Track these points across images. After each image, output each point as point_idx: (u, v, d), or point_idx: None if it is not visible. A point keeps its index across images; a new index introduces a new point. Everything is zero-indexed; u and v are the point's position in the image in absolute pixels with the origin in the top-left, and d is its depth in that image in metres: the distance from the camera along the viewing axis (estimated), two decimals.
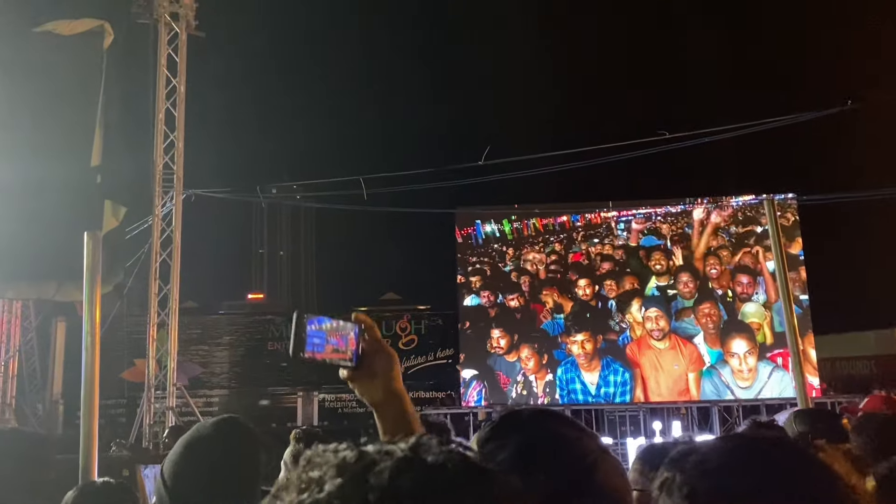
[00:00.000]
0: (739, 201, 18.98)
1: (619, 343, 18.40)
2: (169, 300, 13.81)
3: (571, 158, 16.26)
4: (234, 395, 20.89)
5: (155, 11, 14.16)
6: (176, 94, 14.17)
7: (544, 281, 18.67)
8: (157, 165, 13.97)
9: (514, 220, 18.96)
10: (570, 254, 18.99)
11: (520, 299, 18.67)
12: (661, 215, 19.16)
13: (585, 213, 18.99)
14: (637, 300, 18.48)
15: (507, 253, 18.92)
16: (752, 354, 17.85)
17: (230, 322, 21.99)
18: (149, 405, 13.33)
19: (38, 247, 13.28)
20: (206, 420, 2.32)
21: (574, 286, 18.62)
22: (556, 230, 19.14)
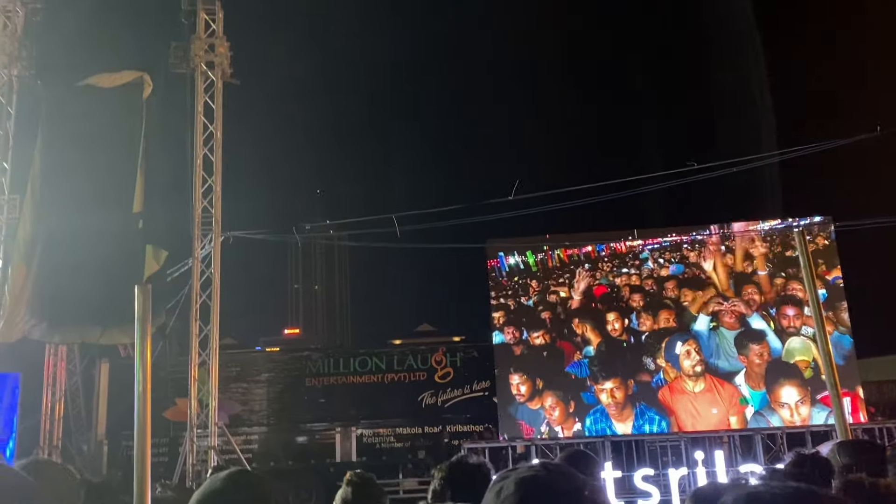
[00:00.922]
0: (768, 226, 18.69)
1: (654, 384, 17.68)
2: (210, 340, 14.08)
3: (601, 191, 16.32)
4: (273, 433, 21.06)
5: (191, 61, 14.69)
6: (213, 139, 14.60)
7: (575, 312, 18.39)
8: (196, 209, 14.36)
9: (544, 251, 18.81)
10: (596, 286, 18.65)
11: (545, 336, 18.27)
12: (688, 243, 18.78)
13: (612, 242, 18.71)
14: (671, 335, 17.74)
15: (530, 286, 18.72)
16: (804, 403, 16.99)
17: (268, 359, 22.25)
18: (191, 445, 13.55)
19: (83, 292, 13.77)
20: (217, 474, 2.33)
21: (603, 320, 18.11)
22: (582, 261, 18.90)
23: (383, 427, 20.62)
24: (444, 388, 20.68)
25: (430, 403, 20.61)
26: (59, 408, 19.03)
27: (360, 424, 20.37)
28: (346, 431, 19.81)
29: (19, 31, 14.62)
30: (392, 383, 20.98)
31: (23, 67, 14.56)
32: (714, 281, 18.35)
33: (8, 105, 14.49)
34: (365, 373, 21.15)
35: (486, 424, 19.50)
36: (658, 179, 15.90)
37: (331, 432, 20.72)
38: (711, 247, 18.53)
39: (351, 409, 20.79)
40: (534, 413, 17.77)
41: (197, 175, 14.49)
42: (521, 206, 16.72)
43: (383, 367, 21.14)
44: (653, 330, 18.06)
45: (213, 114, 14.70)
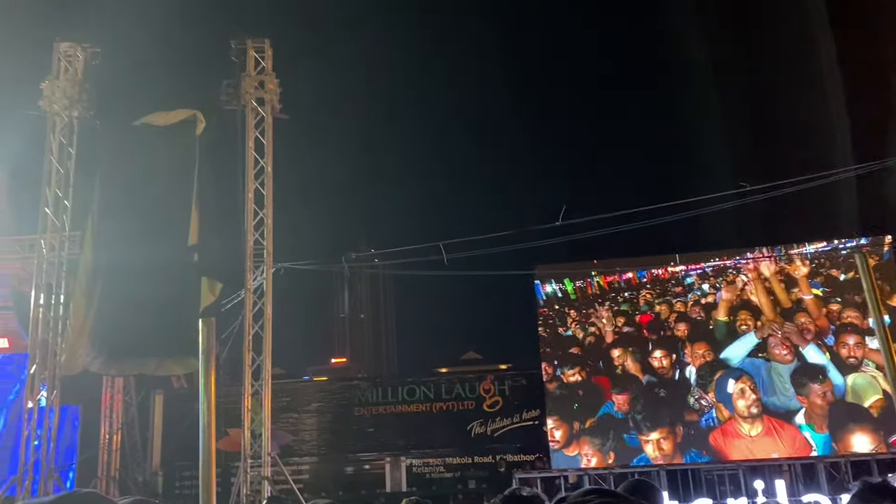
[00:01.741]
0: (819, 248, 18.02)
1: (702, 425, 16.87)
2: (262, 370, 14.25)
3: (648, 215, 16.11)
4: (323, 463, 21.12)
5: (242, 98, 15.08)
6: (264, 173, 14.92)
7: (614, 342, 17.86)
8: (248, 241, 14.64)
9: (583, 278, 18.33)
10: (638, 314, 18.00)
11: (581, 373, 17.81)
12: (732, 268, 18.02)
13: (660, 267, 18.20)
14: (722, 371, 16.93)
15: (568, 315, 18.32)
16: (879, 452, 15.98)
17: (317, 388, 22.40)
18: (245, 475, 13.67)
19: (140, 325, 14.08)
20: None
21: (649, 355, 17.45)
22: (622, 287, 18.36)
23: (433, 457, 20.51)
24: (493, 416, 20.52)
25: (479, 433, 20.46)
26: (116, 439, 19.45)
27: (410, 454, 20.31)
28: (396, 461, 19.76)
29: (79, 74, 15.22)
30: (440, 412, 20.90)
31: (83, 109, 15.12)
32: (762, 308, 17.57)
33: (69, 145, 15.04)
34: (413, 402, 21.13)
35: (537, 454, 19.26)
36: (706, 202, 15.63)
37: (380, 462, 20.69)
38: (757, 271, 17.78)
39: (400, 438, 20.75)
40: (571, 460, 17.34)
41: (249, 208, 14.79)
42: (568, 231, 16.60)
43: (431, 395, 21.10)
44: (704, 362, 17.25)
45: (264, 148, 15.03)
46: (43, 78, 15.10)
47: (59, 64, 15.20)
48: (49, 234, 14.80)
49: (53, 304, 14.65)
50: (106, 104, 15.15)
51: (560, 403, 17.75)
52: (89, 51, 15.38)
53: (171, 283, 13.56)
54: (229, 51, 15.37)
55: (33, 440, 14.35)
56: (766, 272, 17.93)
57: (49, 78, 15.06)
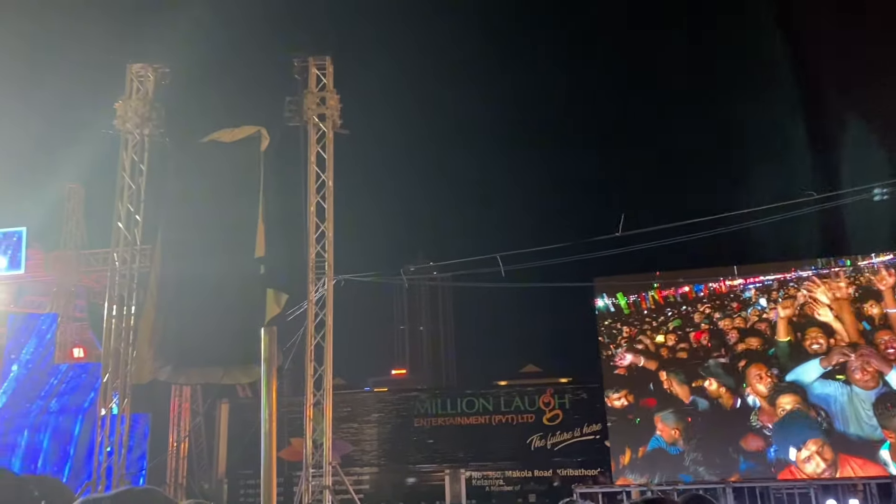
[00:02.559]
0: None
1: (770, 457, 15.76)
2: (323, 381, 14.48)
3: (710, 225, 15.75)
4: (384, 473, 21.25)
5: (304, 115, 15.44)
6: (325, 187, 15.21)
7: (664, 363, 17.27)
8: (310, 254, 14.93)
9: (651, 291, 17.81)
10: (694, 331, 17.20)
11: (627, 396, 17.20)
12: (793, 280, 16.92)
13: (725, 278, 17.32)
14: (793, 396, 15.78)
15: (621, 331, 17.85)
16: None
17: (377, 399, 22.58)
18: (307, 484, 13.87)
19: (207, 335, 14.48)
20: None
21: (703, 378, 16.61)
22: (678, 302, 17.64)
23: (492, 469, 20.42)
24: (553, 430, 20.32)
25: (539, 446, 20.28)
26: (184, 447, 20.00)
27: (469, 466, 20.26)
28: (455, 473, 19.74)
29: (150, 94, 15.84)
30: (499, 425, 20.81)
31: (153, 127, 15.72)
32: (835, 326, 16.37)
33: (140, 162, 15.65)
34: (472, 414, 21.10)
35: (599, 469, 18.97)
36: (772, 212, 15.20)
37: (440, 474, 20.69)
38: (831, 284, 16.62)
39: (459, 450, 20.74)
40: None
41: (310, 221, 15.09)
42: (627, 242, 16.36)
43: (490, 408, 21.03)
44: (770, 385, 16.14)
45: (325, 163, 15.33)
46: (117, 98, 15.77)
47: (132, 84, 15.85)
48: (121, 248, 15.40)
49: (125, 315, 15.22)
50: (175, 122, 15.72)
51: (614, 425, 17.34)
52: (159, 71, 16.00)
53: (237, 294, 13.94)
54: (292, 68, 15.77)
55: (106, 446, 14.89)
56: (838, 285, 16.92)
57: (122, 98, 15.72)
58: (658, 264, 18.34)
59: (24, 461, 18.85)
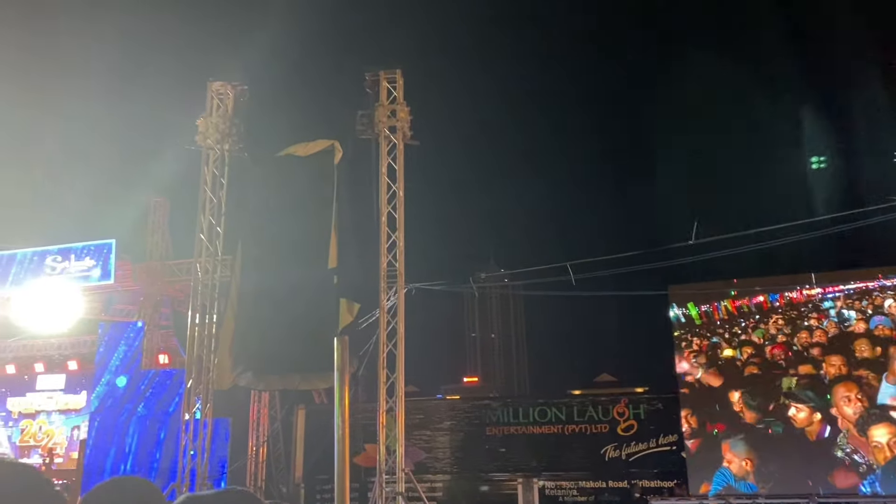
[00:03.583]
0: None
1: (865, 489, 14.47)
2: (396, 388, 14.69)
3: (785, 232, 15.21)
4: (456, 481, 21.33)
5: (375, 127, 15.78)
6: (396, 198, 15.48)
7: (735, 380, 16.36)
8: (382, 263, 15.20)
9: (724, 300, 17.18)
10: (769, 346, 16.33)
11: (690, 419, 16.43)
12: (877, 289, 15.72)
13: (790, 290, 16.41)
14: (888, 427, 14.33)
15: (692, 342, 17.29)
16: None
17: (450, 407, 22.70)
18: (380, 490, 14.09)
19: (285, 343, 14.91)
20: None
21: (781, 400, 15.59)
22: (752, 311, 16.87)
23: (566, 480, 20.23)
24: (627, 440, 19.98)
25: (613, 456, 19.98)
26: (263, 451, 20.61)
27: (542, 476, 20.13)
28: (528, 483, 19.64)
29: (230, 111, 16.48)
30: (573, 434, 20.61)
31: (233, 143, 16.35)
32: None
33: (221, 176, 16.29)
34: (545, 423, 20.97)
35: (675, 480, 18.55)
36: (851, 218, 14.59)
37: (512, 483, 20.62)
38: None
39: (532, 459, 20.63)
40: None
41: (382, 231, 15.37)
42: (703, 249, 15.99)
43: (563, 417, 20.85)
44: (860, 409, 14.85)
45: (396, 174, 15.60)
46: (198, 115, 16.47)
47: (212, 102, 16.53)
48: (203, 259, 16.03)
49: (207, 323, 15.83)
50: (253, 137, 16.30)
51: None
52: (238, 88, 16.64)
53: (312, 303, 14.34)
54: (363, 83, 16.14)
55: (190, 450, 15.49)
56: None
57: (203, 115, 16.41)
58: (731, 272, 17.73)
59: (113, 464, 19.81)
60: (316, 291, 14.38)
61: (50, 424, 26.64)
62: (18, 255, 20.21)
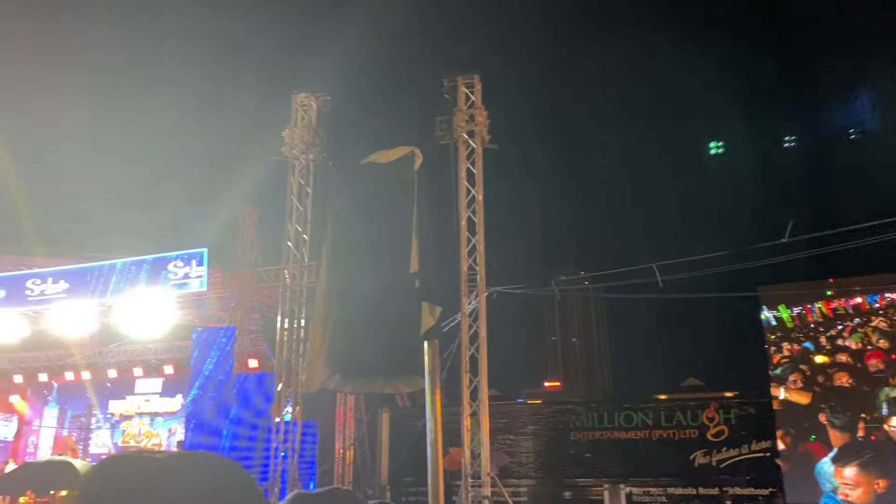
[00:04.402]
0: None
1: None
2: (479, 392, 14.73)
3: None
4: (540, 486, 21.17)
5: (454, 132, 15.91)
6: (475, 202, 15.55)
7: (830, 392, 15.54)
8: (462, 267, 15.29)
9: (819, 302, 16.32)
10: (870, 349, 15.43)
11: (785, 439, 15.67)
12: None
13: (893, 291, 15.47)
14: None
15: (782, 347, 16.46)
16: None
17: (533, 411, 22.56)
18: (466, 493, 14.14)
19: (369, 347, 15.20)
20: None
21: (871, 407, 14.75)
22: (849, 314, 15.91)
23: (653, 486, 19.78)
24: (718, 446, 19.37)
25: (703, 463, 19.41)
26: (349, 454, 21.02)
27: (629, 482, 19.74)
28: (615, 489, 19.30)
29: (314, 121, 16.95)
30: (660, 440, 20.13)
31: (317, 152, 16.81)
32: None
33: (306, 185, 16.76)
34: (631, 428, 20.57)
35: (770, 489, 17.87)
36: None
37: (598, 489, 20.32)
38: None
39: (618, 465, 20.27)
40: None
41: (462, 236, 15.46)
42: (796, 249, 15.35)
43: (650, 422, 20.40)
44: None
45: (475, 178, 15.68)
46: (284, 126, 17.02)
47: (297, 113, 17.04)
48: (291, 265, 16.52)
49: (295, 327, 16.29)
50: (336, 146, 16.71)
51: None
52: (321, 99, 17.10)
53: (395, 307, 14.57)
54: (441, 89, 16.30)
55: (280, 451, 15.95)
56: None
57: (289, 126, 16.93)
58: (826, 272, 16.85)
59: None
60: (398, 295, 14.61)
61: (148, 426, 27.97)
62: (118, 264, 21.31)
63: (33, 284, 21.29)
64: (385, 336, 14.29)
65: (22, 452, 28.60)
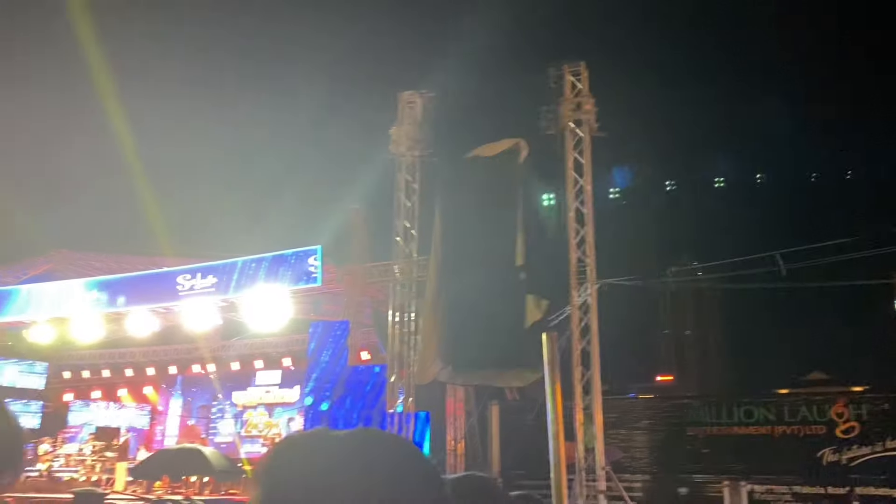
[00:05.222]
0: None
1: None
2: (591, 386, 14.54)
3: None
4: (656, 482, 20.66)
5: (560, 122, 15.72)
6: (583, 192, 15.32)
7: None
8: (571, 259, 15.11)
9: None
10: None
11: None
12: None
13: None
14: None
15: None
16: None
17: (646, 406, 22.03)
18: (581, 488, 14.01)
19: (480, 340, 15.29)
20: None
21: None
22: None
23: (777, 484, 18.89)
24: (848, 444, 18.26)
25: (831, 461, 18.36)
26: (461, 446, 21.23)
27: (751, 479, 18.93)
28: (735, 486, 18.54)
29: (419, 118, 17.19)
30: (783, 436, 19.19)
31: (423, 148, 17.05)
32: None
33: (413, 182, 17.05)
34: (751, 423, 19.72)
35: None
36: None
37: (716, 486, 19.58)
38: None
39: (738, 462, 19.47)
40: None
41: (570, 227, 15.28)
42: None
43: (772, 418, 19.48)
44: None
45: (583, 168, 15.45)
46: (391, 124, 17.35)
47: (403, 111, 17.33)
48: (400, 261, 16.86)
49: (406, 321, 16.62)
50: (441, 142, 16.88)
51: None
52: (426, 96, 17.31)
53: (502, 300, 14.58)
54: (546, 78, 16.13)
55: None
56: None
57: (395, 124, 17.25)
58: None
59: None
60: (505, 289, 14.61)
61: (269, 416, 29.30)
62: (240, 262, 22.39)
63: (183, 280, 22.66)
64: (494, 329, 14.34)
65: (152, 440, 30.67)
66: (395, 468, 1.07)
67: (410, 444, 1.15)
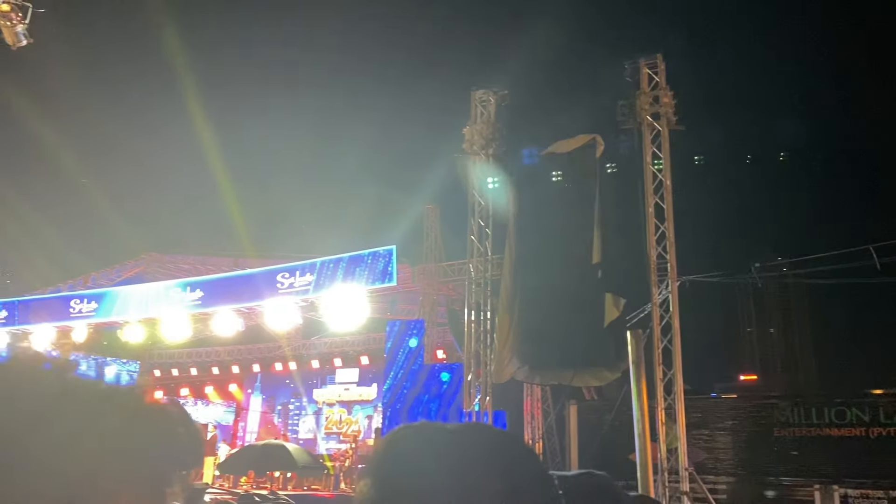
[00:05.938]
0: None
1: None
2: (673, 385, 14.19)
3: None
4: (741, 483, 20.00)
5: (637, 116, 15.39)
6: (663, 187, 14.96)
7: None
8: (651, 256, 14.78)
9: None
10: None
11: None
12: None
13: None
14: None
15: None
16: None
17: (729, 406, 21.36)
18: (663, 489, 13.70)
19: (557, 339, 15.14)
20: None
21: None
22: None
23: (873, 488, 18.00)
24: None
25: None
26: (539, 446, 21.10)
27: (844, 483, 18.10)
28: (827, 490, 17.78)
29: (492, 117, 17.15)
30: (880, 438, 18.27)
31: (496, 147, 17.00)
32: None
33: (486, 180, 17.01)
34: (843, 425, 18.85)
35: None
36: None
37: (807, 489, 18.82)
38: None
39: (829, 464, 18.65)
40: None
41: (649, 223, 14.95)
42: None
43: (866, 419, 18.58)
44: None
45: (662, 162, 15.09)
46: (463, 124, 17.38)
47: (476, 110, 17.33)
48: (475, 259, 16.86)
49: (482, 319, 16.61)
50: (515, 139, 16.79)
51: None
52: (499, 94, 17.26)
53: (580, 299, 14.40)
54: (622, 72, 15.83)
55: None
56: None
57: (468, 123, 17.26)
58: None
59: None
60: (582, 287, 14.42)
61: (348, 413, 29.84)
62: (318, 263, 22.86)
63: (282, 278, 23.34)
64: (571, 328, 14.17)
65: (234, 436, 31.70)
66: (511, 464, 1.06)
67: (523, 440, 1.14)
